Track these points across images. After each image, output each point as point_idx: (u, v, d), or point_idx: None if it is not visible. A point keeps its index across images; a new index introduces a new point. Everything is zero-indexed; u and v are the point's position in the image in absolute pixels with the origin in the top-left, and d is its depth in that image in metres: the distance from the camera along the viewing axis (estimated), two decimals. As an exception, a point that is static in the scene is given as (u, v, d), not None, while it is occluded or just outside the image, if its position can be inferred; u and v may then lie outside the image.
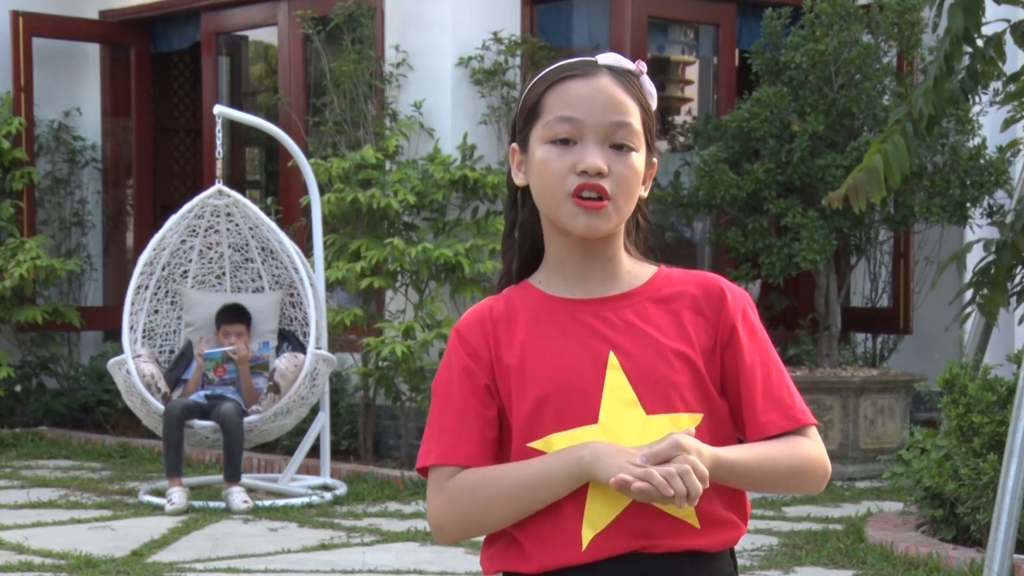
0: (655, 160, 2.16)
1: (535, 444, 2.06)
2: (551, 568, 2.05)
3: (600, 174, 2.05)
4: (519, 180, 2.14)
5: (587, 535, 2.03)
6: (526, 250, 2.17)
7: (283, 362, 7.93)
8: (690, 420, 2.06)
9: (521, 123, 2.13)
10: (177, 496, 7.59)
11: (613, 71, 2.10)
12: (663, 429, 2.04)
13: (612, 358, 2.07)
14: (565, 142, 2.07)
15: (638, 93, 2.10)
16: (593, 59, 2.11)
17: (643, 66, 2.13)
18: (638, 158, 2.08)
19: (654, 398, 2.06)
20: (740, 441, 2.13)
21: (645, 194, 2.15)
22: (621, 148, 2.07)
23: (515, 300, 2.14)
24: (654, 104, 2.13)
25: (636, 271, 2.15)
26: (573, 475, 2.01)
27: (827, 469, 2.13)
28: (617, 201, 2.06)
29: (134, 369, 7.75)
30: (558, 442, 2.05)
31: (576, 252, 2.11)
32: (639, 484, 1.93)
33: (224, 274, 8.48)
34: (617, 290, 2.12)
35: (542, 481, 2.03)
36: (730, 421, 2.12)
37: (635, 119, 2.08)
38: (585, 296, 2.11)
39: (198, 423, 7.78)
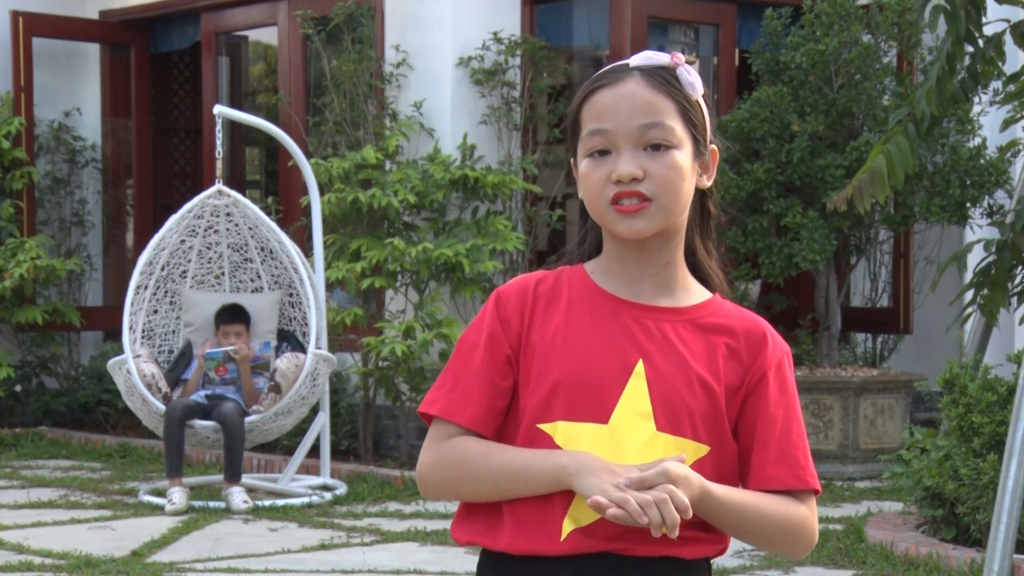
0: (713, 147, 2.13)
1: (543, 426, 2.07)
2: (524, 552, 2.06)
3: (635, 180, 2.05)
4: (581, 194, 2.15)
5: (567, 527, 2.04)
6: (593, 249, 2.18)
7: (284, 362, 7.93)
8: (695, 450, 2.06)
9: (569, 140, 2.16)
10: (177, 496, 7.59)
11: (643, 72, 2.09)
12: (668, 448, 2.05)
13: (640, 366, 2.07)
14: (602, 153, 2.07)
15: (672, 88, 2.08)
16: (625, 63, 2.11)
17: (679, 58, 2.11)
18: (680, 154, 2.07)
19: (668, 418, 2.06)
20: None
21: (709, 183, 2.14)
22: (657, 148, 2.06)
23: (564, 281, 2.14)
24: (696, 94, 2.10)
25: (690, 289, 2.14)
26: (554, 479, 2.03)
27: (814, 539, 2.13)
28: (660, 201, 2.05)
29: (135, 369, 7.75)
30: (564, 430, 2.06)
31: (631, 255, 2.11)
32: (614, 510, 1.95)
33: (223, 274, 8.48)
34: (665, 302, 2.12)
35: (523, 476, 2.05)
36: (736, 463, 2.12)
37: (669, 117, 2.06)
38: (632, 299, 2.11)
39: (199, 423, 7.78)
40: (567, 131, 2.16)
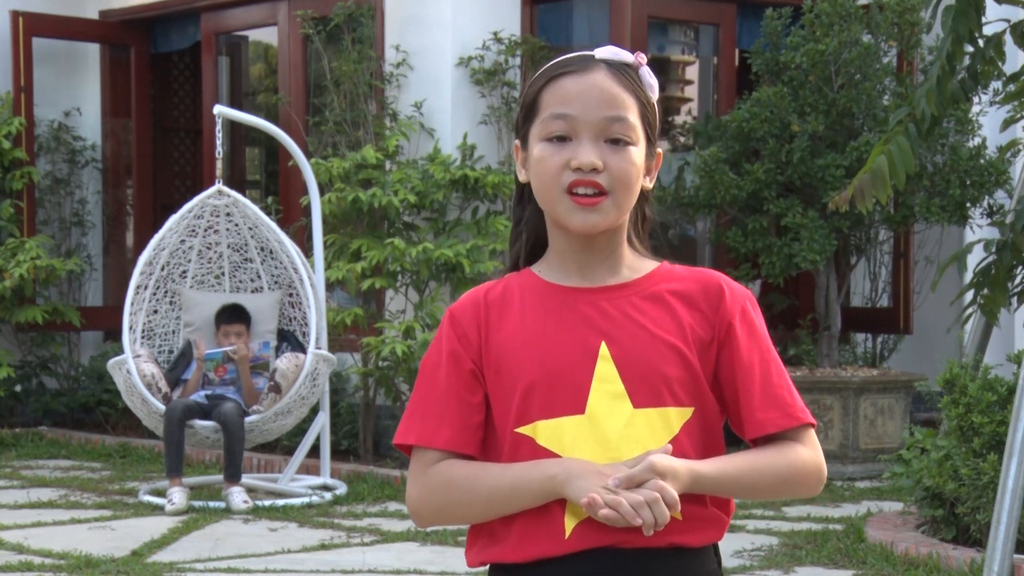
0: (659, 151, 2.15)
1: (522, 430, 2.06)
2: (534, 558, 2.06)
3: (595, 170, 2.05)
4: (522, 177, 2.15)
5: (570, 524, 2.04)
6: (531, 244, 2.18)
7: (284, 362, 7.93)
8: (679, 415, 2.06)
9: (521, 120, 2.14)
10: (177, 496, 7.59)
11: (610, 65, 2.09)
12: (650, 424, 2.05)
13: (603, 349, 2.07)
14: (561, 139, 2.07)
15: (635, 86, 2.10)
16: (590, 54, 2.12)
17: (642, 58, 2.12)
18: (636, 152, 2.08)
19: (643, 391, 2.06)
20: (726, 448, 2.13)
21: (650, 185, 2.15)
22: (617, 143, 2.06)
23: (513, 285, 2.14)
24: (654, 96, 2.12)
25: (637, 265, 2.15)
26: (545, 491, 2.02)
27: (821, 473, 2.12)
28: (616, 195, 2.06)
29: (134, 369, 7.75)
30: (544, 429, 2.05)
31: (577, 246, 2.11)
32: (606, 511, 1.95)
33: (223, 274, 8.48)
34: (616, 281, 2.12)
35: (514, 492, 2.04)
36: (721, 417, 2.12)
37: (632, 113, 2.08)
38: (583, 284, 2.11)
39: (199, 423, 7.78)
40: (521, 112, 2.15)
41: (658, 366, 2.06)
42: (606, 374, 2.06)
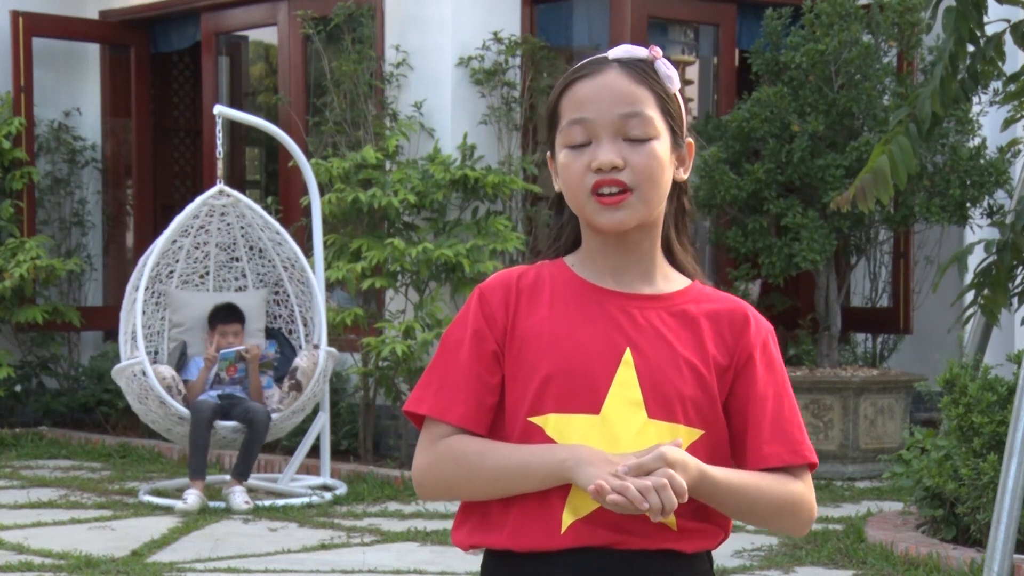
0: (690, 140, 2.16)
1: (535, 419, 2.07)
2: (527, 549, 2.06)
3: (616, 168, 2.06)
4: (557, 186, 2.16)
5: (567, 520, 2.04)
6: (568, 245, 2.18)
7: (303, 360, 7.96)
8: (688, 434, 2.07)
9: (547, 132, 2.16)
10: (192, 498, 7.53)
11: (623, 63, 2.10)
12: (661, 435, 2.05)
13: (628, 355, 2.07)
14: (582, 144, 2.08)
15: (651, 80, 2.10)
16: (604, 55, 2.12)
17: (657, 51, 2.12)
18: (659, 145, 2.08)
19: (658, 404, 2.06)
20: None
21: (685, 176, 2.16)
22: (637, 139, 2.07)
23: (545, 274, 2.15)
24: (674, 87, 2.12)
25: (670, 277, 2.15)
26: (553, 475, 2.03)
27: (813, 514, 2.14)
28: (641, 191, 2.07)
29: (152, 372, 7.68)
30: (556, 423, 2.06)
31: (611, 246, 2.12)
32: (614, 496, 1.94)
33: (207, 273, 8.44)
34: (648, 290, 2.13)
35: (522, 473, 2.04)
36: (728, 445, 2.13)
37: (648, 108, 2.08)
38: (615, 288, 2.12)
39: (220, 423, 7.77)
40: (545, 124, 2.17)
41: (676, 383, 2.07)
42: (626, 379, 2.06)
